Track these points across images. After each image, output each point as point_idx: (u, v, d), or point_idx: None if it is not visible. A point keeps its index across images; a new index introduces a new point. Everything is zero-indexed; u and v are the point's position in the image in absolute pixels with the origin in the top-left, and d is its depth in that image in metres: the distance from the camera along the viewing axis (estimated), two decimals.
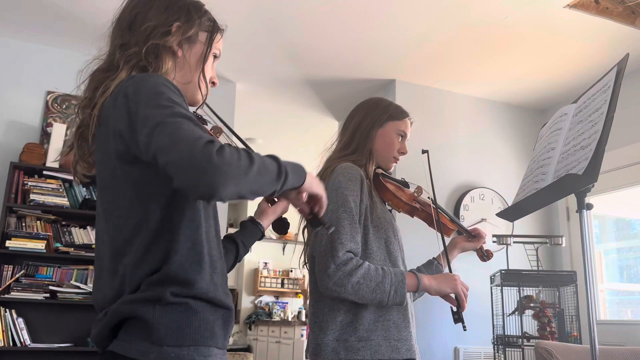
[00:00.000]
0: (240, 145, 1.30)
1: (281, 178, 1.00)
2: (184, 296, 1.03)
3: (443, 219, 1.86)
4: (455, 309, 1.59)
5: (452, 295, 1.59)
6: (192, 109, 1.27)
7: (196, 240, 1.07)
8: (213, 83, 1.27)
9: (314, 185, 1.13)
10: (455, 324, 1.57)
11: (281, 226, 1.35)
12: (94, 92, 1.12)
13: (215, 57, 1.26)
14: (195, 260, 1.06)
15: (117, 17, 1.21)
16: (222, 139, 1.28)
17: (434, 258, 1.91)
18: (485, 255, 1.96)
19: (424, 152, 1.84)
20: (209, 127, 1.25)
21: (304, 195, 1.16)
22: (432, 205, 1.77)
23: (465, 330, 1.54)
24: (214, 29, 1.24)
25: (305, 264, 1.72)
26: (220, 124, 1.30)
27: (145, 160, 0.99)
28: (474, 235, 1.90)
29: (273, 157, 1.01)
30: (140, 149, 0.99)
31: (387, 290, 1.49)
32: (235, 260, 1.42)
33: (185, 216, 1.06)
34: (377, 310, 1.53)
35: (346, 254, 1.50)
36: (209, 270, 1.08)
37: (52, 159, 3.31)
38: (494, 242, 3.18)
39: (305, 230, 1.72)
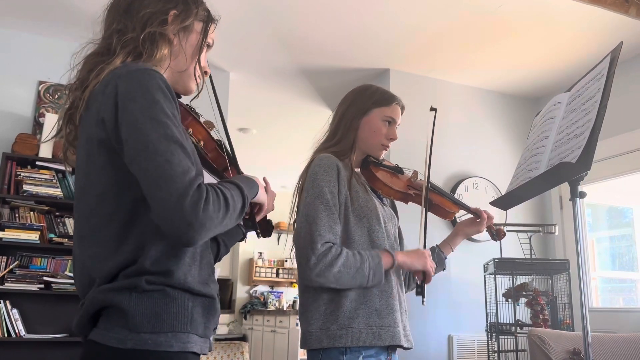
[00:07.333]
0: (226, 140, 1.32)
1: (244, 210, 1.10)
2: (159, 284, 1.02)
3: (443, 202, 1.82)
4: (419, 282, 1.63)
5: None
6: (186, 99, 1.27)
7: None
8: (205, 72, 1.27)
9: (261, 196, 1.23)
10: (416, 295, 1.63)
11: (265, 229, 1.34)
12: (87, 74, 1.11)
13: (208, 46, 1.26)
14: (173, 252, 1.05)
15: (112, 1, 1.20)
16: (214, 134, 1.30)
17: (436, 245, 1.88)
18: (495, 234, 1.87)
19: (432, 109, 1.79)
20: (201, 120, 1.26)
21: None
22: (425, 183, 1.72)
23: (424, 304, 1.60)
24: (209, 19, 1.25)
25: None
26: (214, 117, 1.30)
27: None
28: (478, 216, 1.84)
29: (238, 188, 1.09)
30: (122, 150, 1.01)
31: (366, 275, 1.52)
32: (215, 260, 1.39)
33: None
34: (358, 298, 1.54)
35: (325, 245, 1.51)
36: (189, 262, 1.07)
37: (45, 147, 3.29)
38: (486, 231, 3.19)
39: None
